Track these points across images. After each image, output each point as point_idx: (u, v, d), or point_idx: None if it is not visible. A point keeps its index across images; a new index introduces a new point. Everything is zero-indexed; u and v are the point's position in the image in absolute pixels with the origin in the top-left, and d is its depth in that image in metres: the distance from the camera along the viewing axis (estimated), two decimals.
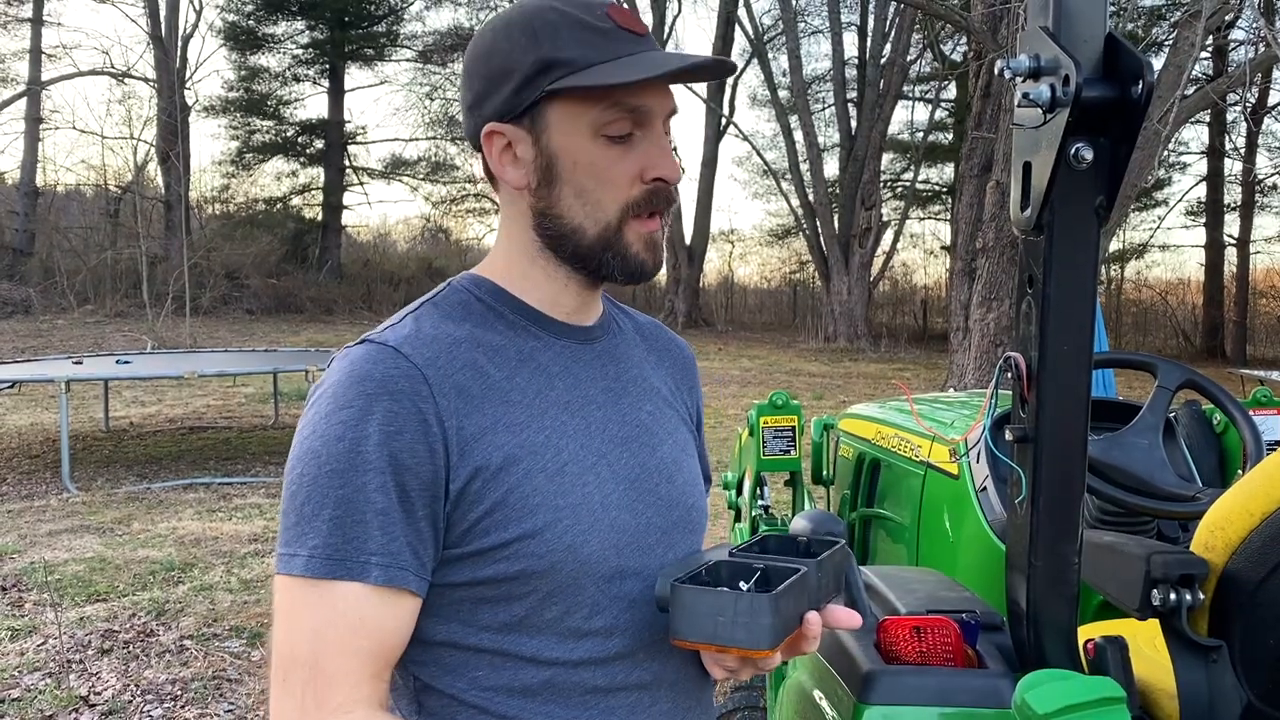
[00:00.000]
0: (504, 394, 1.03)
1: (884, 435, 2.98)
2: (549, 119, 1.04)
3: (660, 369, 1.24)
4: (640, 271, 1.07)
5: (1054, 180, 1.22)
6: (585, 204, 1.05)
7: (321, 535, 0.94)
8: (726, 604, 0.92)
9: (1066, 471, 1.31)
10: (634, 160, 1.04)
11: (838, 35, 23.30)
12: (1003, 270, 10.51)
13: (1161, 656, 1.47)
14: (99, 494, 7.21)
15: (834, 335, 21.82)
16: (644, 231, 1.07)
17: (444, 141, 27.46)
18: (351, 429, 0.95)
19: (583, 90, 1.01)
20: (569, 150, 1.04)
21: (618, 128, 1.03)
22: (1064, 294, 1.27)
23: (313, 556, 0.94)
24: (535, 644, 1.02)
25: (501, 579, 1.00)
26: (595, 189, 1.04)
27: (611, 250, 1.06)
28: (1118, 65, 1.19)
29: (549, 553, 1.00)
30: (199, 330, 17.59)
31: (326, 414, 0.98)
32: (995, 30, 11.23)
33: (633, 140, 1.04)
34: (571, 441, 1.05)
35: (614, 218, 1.05)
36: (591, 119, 1.03)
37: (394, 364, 0.99)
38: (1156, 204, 27.31)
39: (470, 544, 0.99)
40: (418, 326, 1.04)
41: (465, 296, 1.10)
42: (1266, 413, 2.99)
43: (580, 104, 1.03)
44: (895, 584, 1.73)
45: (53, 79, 24.09)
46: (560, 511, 1.01)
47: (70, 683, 3.92)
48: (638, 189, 1.05)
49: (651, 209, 1.06)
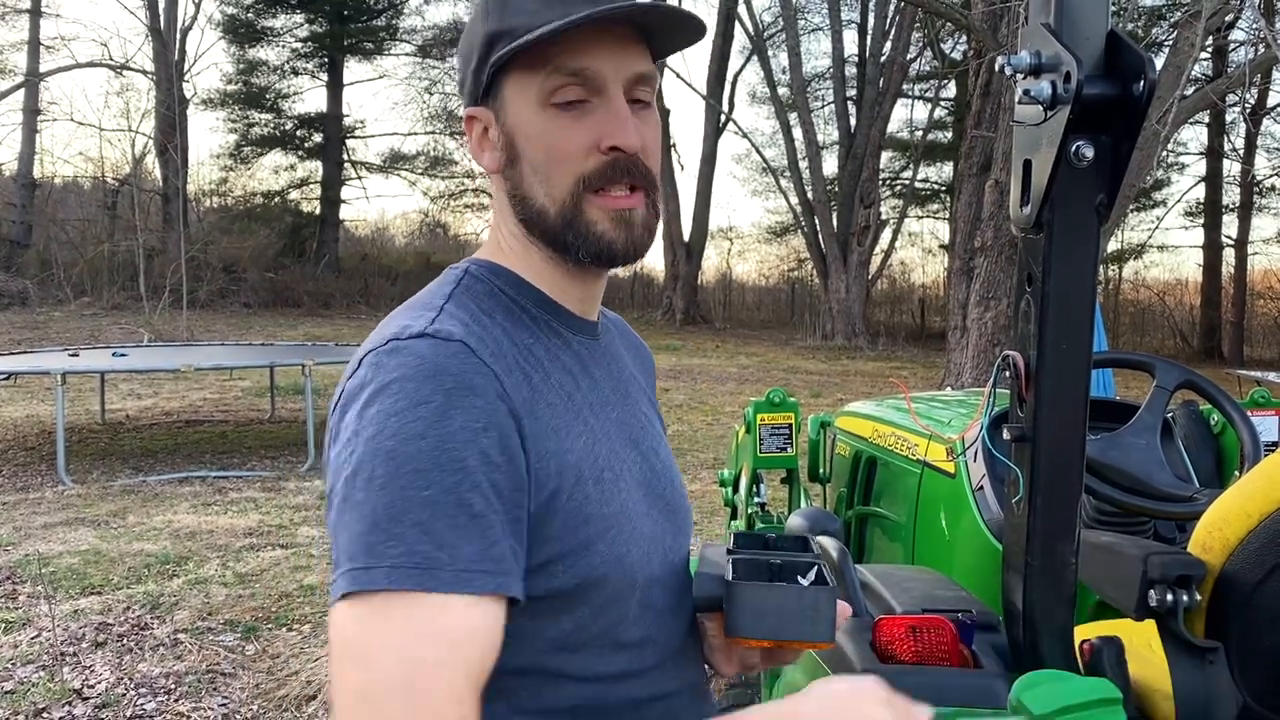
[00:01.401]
0: (545, 397, 0.96)
1: (881, 433, 2.98)
2: (505, 95, 0.99)
3: (637, 366, 1.20)
4: (608, 250, 0.99)
5: (1054, 178, 1.21)
6: (541, 181, 0.98)
7: (408, 543, 0.81)
8: (791, 599, 0.93)
9: (1064, 471, 1.31)
10: (586, 129, 0.96)
11: (838, 33, 23.31)
12: (1001, 269, 10.51)
13: (1158, 657, 1.47)
14: (94, 487, 7.20)
15: (832, 333, 21.83)
16: (609, 207, 0.98)
17: (443, 136, 27.45)
18: (435, 426, 0.84)
19: (524, 58, 0.95)
20: (521, 124, 0.98)
21: (564, 94, 0.96)
22: (1063, 293, 1.26)
23: (397, 567, 0.81)
24: (579, 661, 0.95)
25: (559, 592, 0.93)
26: (546, 163, 0.97)
27: (573, 229, 0.98)
28: (1119, 62, 1.18)
29: (602, 564, 0.94)
30: (196, 323, 17.57)
31: (399, 411, 0.86)
32: (995, 29, 11.22)
33: (587, 108, 0.96)
34: (602, 446, 0.99)
35: (568, 193, 0.97)
36: (537, 87, 0.96)
37: (467, 359, 0.90)
38: (1155, 204, 27.34)
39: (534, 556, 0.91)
40: (468, 318, 0.96)
41: (489, 287, 1.02)
42: (1264, 414, 2.99)
43: (527, 73, 0.96)
44: (891, 583, 1.73)
45: (51, 70, 24.05)
46: (608, 520, 0.95)
47: (64, 675, 3.91)
48: (594, 160, 0.96)
49: (611, 181, 0.97)
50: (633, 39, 0.98)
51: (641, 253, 1.01)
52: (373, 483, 0.84)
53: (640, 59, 0.99)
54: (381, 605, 0.80)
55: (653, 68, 1.01)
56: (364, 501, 0.83)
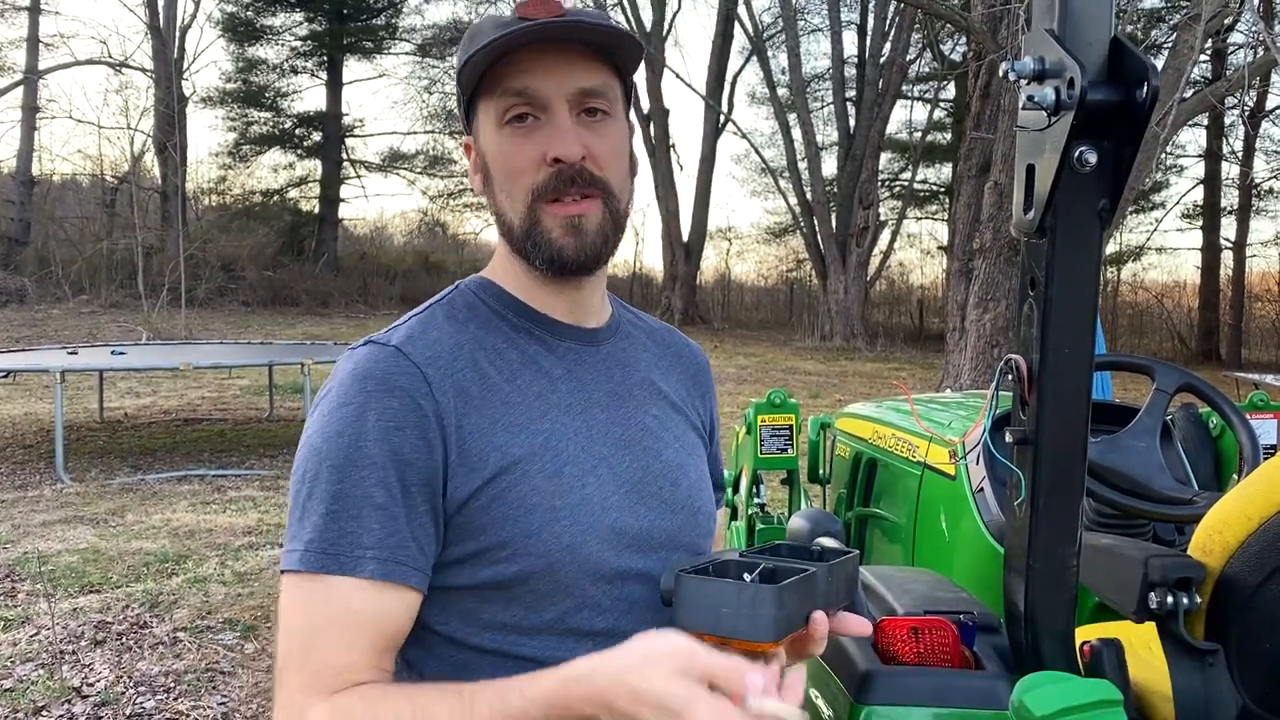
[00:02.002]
0: (504, 396, 1.03)
1: (881, 435, 2.99)
2: (478, 119, 1.08)
3: (670, 374, 1.23)
4: (558, 257, 1.05)
5: (1057, 183, 1.21)
6: (506, 196, 1.07)
7: (318, 530, 0.95)
8: (730, 594, 0.91)
9: (1066, 474, 1.31)
10: (534, 144, 1.03)
11: (837, 34, 23.31)
12: (1000, 271, 10.51)
13: (1158, 660, 1.48)
14: (93, 485, 7.20)
15: (830, 334, 21.83)
16: (560, 215, 1.04)
17: (442, 135, 27.44)
18: (351, 425, 0.96)
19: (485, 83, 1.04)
20: (488, 145, 1.07)
21: (513, 111, 1.04)
22: (1066, 297, 1.27)
23: (307, 550, 0.94)
24: (535, 645, 1.01)
25: (500, 579, 1.00)
26: (506, 179, 1.06)
27: (530, 239, 1.05)
28: (1123, 68, 1.19)
29: (547, 552, 1.00)
30: (194, 322, 17.56)
31: (328, 412, 0.99)
32: (995, 31, 11.22)
33: (535, 124, 1.04)
34: (571, 443, 1.05)
35: (524, 205, 1.05)
36: (494, 108, 1.05)
37: (394, 362, 1.00)
38: (1154, 207, 27.36)
39: (469, 543, 0.99)
40: (422, 328, 1.06)
41: (471, 299, 1.11)
42: (1263, 416, 3.00)
43: (487, 97, 1.05)
44: (892, 584, 1.74)
45: (50, 68, 24.03)
46: (558, 512, 1.01)
47: (63, 674, 3.92)
48: (542, 173, 1.04)
49: (560, 191, 1.03)
50: (582, 55, 1.04)
51: (597, 257, 1.07)
52: (305, 475, 0.98)
53: (589, 73, 1.04)
54: (298, 583, 0.95)
55: (604, 80, 1.06)
56: (297, 491, 0.98)
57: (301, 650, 0.94)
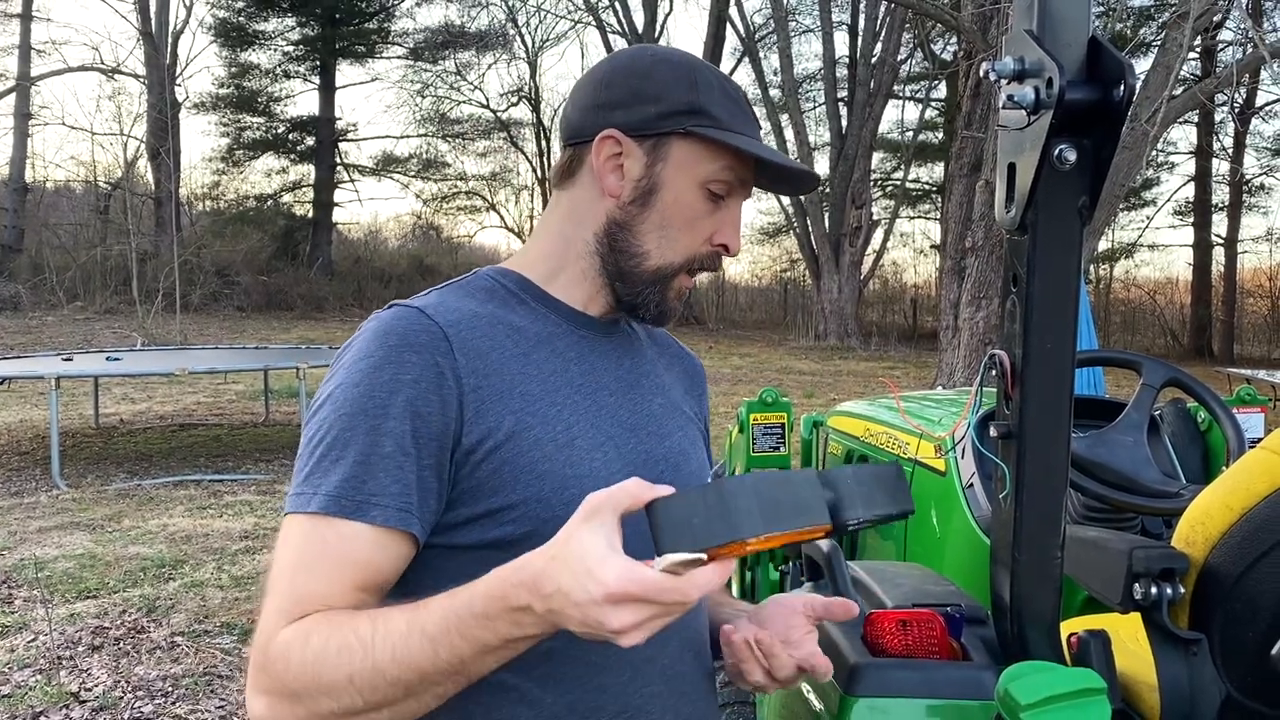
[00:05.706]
0: (520, 367, 1.07)
1: (872, 432, 3.01)
2: (671, 153, 1.11)
3: (671, 373, 1.28)
4: (665, 317, 1.16)
5: (1038, 181, 1.23)
6: (662, 238, 1.13)
7: (338, 476, 0.98)
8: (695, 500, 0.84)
9: (1049, 467, 1.33)
10: (714, 221, 1.13)
11: (828, 34, 23.32)
12: (992, 269, 10.55)
13: (1143, 649, 1.50)
14: (89, 491, 7.20)
15: (824, 333, 21.86)
16: (685, 285, 1.16)
17: (435, 139, 27.44)
18: (369, 376, 1.00)
19: (716, 144, 1.11)
20: (674, 187, 1.12)
21: (720, 186, 1.12)
22: (1047, 292, 1.29)
23: (329, 495, 0.97)
24: None
25: (508, 540, 1.02)
26: (677, 230, 1.12)
27: (656, 288, 1.14)
28: (1100, 68, 1.21)
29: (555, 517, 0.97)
30: (189, 327, 17.54)
31: (348, 364, 1.03)
32: (985, 30, 11.26)
33: (721, 204, 1.13)
34: (581, 420, 1.09)
35: (676, 261, 1.13)
36: (705, 169, 1.11)
37: (416, 321, 1.04)
38: (1145, 204, 27.46)
39: (480, 504, 1.03)
40: (443, 298, 1.10)
41: (490, 283, 1.15)
42: (1250, 410, 3.03)
43: (704, 153, 1.11)
44: (881, 578, 1.76)
45: (42, 74, 24.01)
46: (568, 480, 1.04)
47: (61, 679, 3.92)
48: (706, 248, 1.14)
49: (706, 269, 1.15)
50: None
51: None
52: (322, 423, 1.01)
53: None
54: (308, 524, 0.98)
55: None
56: (313, 438, 1.02)
57: (288, 581, 0.97)
